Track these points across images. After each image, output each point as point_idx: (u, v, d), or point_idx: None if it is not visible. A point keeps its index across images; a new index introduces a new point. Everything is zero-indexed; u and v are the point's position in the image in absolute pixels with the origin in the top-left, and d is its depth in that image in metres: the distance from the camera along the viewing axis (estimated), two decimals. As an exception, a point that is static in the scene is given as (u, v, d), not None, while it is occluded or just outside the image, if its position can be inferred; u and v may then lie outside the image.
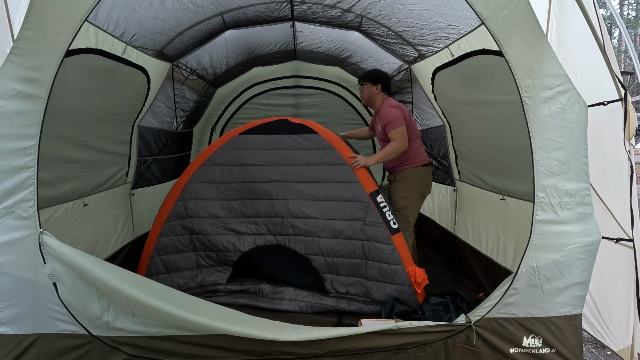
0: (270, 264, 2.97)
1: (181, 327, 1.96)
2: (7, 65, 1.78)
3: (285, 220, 2.93)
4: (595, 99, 2.12)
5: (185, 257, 3.04)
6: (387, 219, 2.80)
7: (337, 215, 2.87)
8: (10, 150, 1.82)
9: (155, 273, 3.00)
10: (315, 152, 2.95)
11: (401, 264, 2.73)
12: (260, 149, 3.01)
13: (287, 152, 2.98)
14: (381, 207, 2.82)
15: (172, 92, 4.03)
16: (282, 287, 2.90)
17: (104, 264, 1.99)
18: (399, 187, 3.17)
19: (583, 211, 1.99)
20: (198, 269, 3.04)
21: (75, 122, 2.56)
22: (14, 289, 1.91)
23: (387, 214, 2.81)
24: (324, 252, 2.88)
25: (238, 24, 3.72)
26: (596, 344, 2.62)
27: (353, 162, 2.86)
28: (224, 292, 2.95)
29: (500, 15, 1.94)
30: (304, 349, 1.98)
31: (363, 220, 2.82)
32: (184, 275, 3.02)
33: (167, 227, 3.03)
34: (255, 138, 3.04)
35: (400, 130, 3.01)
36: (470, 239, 3.44)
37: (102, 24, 2.50)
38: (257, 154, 3.01)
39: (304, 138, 2.97)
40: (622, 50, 20.85)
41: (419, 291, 2.72)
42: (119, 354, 1.98)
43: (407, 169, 3.17)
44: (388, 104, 3.17)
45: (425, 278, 2.72)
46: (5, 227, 1.85)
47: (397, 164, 3.19)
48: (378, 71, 3.39)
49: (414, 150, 3.17)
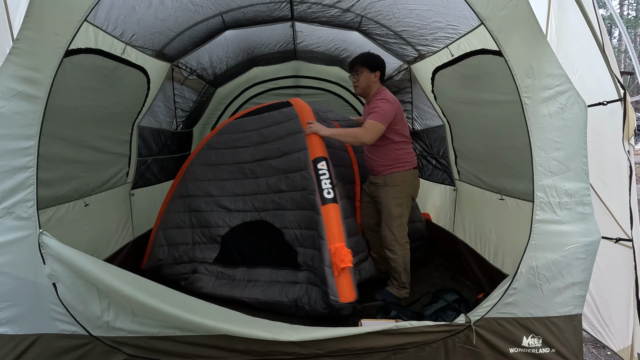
0: (250, 243, 3.02)
1: (181, 328, 1.96)
2: (6, 65, 1.78)
3: (267, 196, 3.00)
4: (594, 99, 2.11)
5: (183, 233, 3.27)
6: (321, 187, 2.62)
7: (296, 185, 2.83)
8: (10, 150, 1.82)
9: (158, 244, 3.33)
10: (285, 125, 3.05)
11: (324, 238, 2.51)
12: (247, 131, 3.23)
13: (265, 130, 3.13)
14: (319, 174, 2.66)
15: (171, 92, 4.03)
16: (259, 269, 2.91)
17: (103, 264, 1.99)
18: (393, 192, 2.92)
19: (583, 211, 1.99)
20: (192, 244, 3.23)
21: (75, 122, 2.56)
22: (13, 289, 1.91)
23: (324, 182, 2.63)
24: (292, 225, 2.87)
25: (238, 24, 3.72)
26: (596, 344, 2.62)
27: (306, 128, 2.81)
28: (207, 274, 3.05)
29: (500, 15, 1.94)
30: (304, 349, 1.98)
31: (307, 189, 2.73)
32: (179, 249, 3.25)
33: (171, 205, 3.39)
34: (243, 121, 3.31)
35: (379, 127, 2.75)
36: (469, 238, 3.44)
37: (102, 24, 2.50)
38: (245, 136, 3.21)
39: (280, 113, 3.10)
40: (622, 50, 20.85)
41: (336, 273, 2.42)
42: (118, 354, 1.98)
43: (400, 172, 2.92)
44: (384, 96, 2.87)
45: (347, 261, 2.39)
46: (5, 228, 1.85)
47: (388, 164, 2.93)
48: (376, 56, 3.02)
49: (407, 152, 2.98)
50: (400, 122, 2.92)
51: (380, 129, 2.76)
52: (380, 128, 2.76)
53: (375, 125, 2.75)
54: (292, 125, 2.99)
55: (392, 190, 2.92)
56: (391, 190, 2.92)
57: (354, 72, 2.98)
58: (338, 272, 2.42)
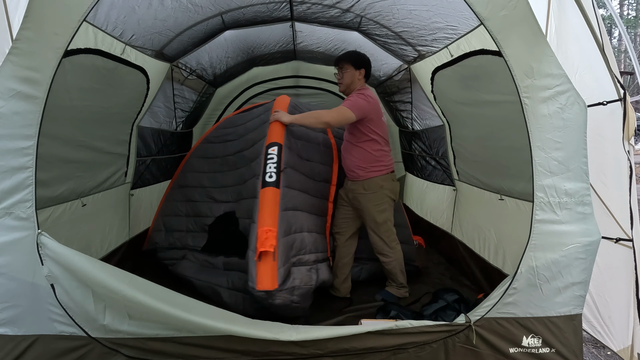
0: (226, 233, 3.04)
1: (179, 329, 1.96)
2: (5, 65, 1.78)
3: (239, 187, 3.04)
4: (594, 99, 2.11)
5: (179, 220, 3.44)
6: (265, 170, 2.53)
7: (253, 173, 2.80)
8: (9, 150, 1.82)
9: (157, 229, 3.53)
10: (262, 116, 3.12)
11: (255, 221, 2.38)
12: (237, 125, 3.37)
13: (249, 123, 3.24)
14: (267, 158, 2.57)
15: (171, 92, 4.02)
16: (233, 259, 2.88)
17: (102, 264, 1.98)
18: (374, 199, 2.81)
19: (582, 211, 1.99)
20: (186, 232, 3.37)
21: (73, 122, 2.55)
22: (12, 290, 1.91)
23: (269, 166, 2.53)
24: (243, 214, 2.88)
25: (237, 24, 3.72)
26: (596, 344, 2.62)
27: (271, 116, 2.81)
28: (194, 260, 3.15)
29: (499, 16, 1.94)
30: (304, 349, 1.98)
31: (256, 175, 2.67)
32: (175, 235, 3.41)
33: (171, 193, 3.60)
34: (238, 116, 3.47)
35: (346, 112, 2.63)
36: (468, 238, 3.44)
37: (101, 24, 2.50)
38: (234, 130, 3.36)
39: (263, 107, 3.19)
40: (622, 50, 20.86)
41: (256, 257, 2.25)
42: (117, 355, 1.98)
43: (377, 177, 2.81)
44: (363, 91, 2.79)
45: (268, 245, 2.20)
46: (3, 228, 1.85)
47: (364, 167, 2.80)
48: (361, 54, 2.96)
49: (384, 155, 2.85)
50: (377, 122, 2.80)
51: (346, 114, 2.64)
52: (347, 113, 2.64)
53: (342, 108, 2.66)
54: (266, 116, 3.04)
55: (372, 196, 2.82)
56: (372, 197, 2.82)
57: (339, 68, 2.92)
58: (258, 256, 2.24)
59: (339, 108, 2.68)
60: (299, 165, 2.82)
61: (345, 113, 2.65)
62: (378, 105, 2.83)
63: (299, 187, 2.76)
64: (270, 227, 2.32)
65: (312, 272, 2.65)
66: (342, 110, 2.66)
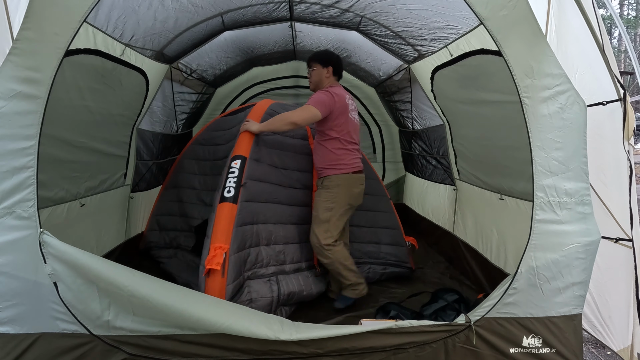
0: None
1: (181, 326, 1.96)
2: (6, 66, 1.78)
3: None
4: (594, 99, 2.12)
5: (172, 220, 3.54)
6: (224, 185, 2.53)
7: (219, 186, 2.76)
8: (10, 150, 1.82)
9: (151, 229, 3.64)
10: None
11: (209, 236, 2.40)
12: (225, 129, 3.39)
13: (234, 129, 3.20)
14: (229, 172, 2.58)
15: (171, 93, 4.03)
16: None
17: (105, 261, 1.98)
18: (325, 195, 2.73)
19: (582, 211, 1.99)
20: (180, 231, 3.47)
21: (72, 123, 2.56)
22: (14, 288, 1.91)
23: (229, 180, 2.54)
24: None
25: (237, 25, 3.72)
26: (596, 343, 2.62)
27: (241, 127, 2.78)
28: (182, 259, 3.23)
29: (499, 15, 1.94)
30: (304, 348, 1.98)
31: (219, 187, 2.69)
32: (170, 234, 3.51)
33: (164, 193, 3.68)
34: (225, 119, 3.47)
35: (311, 110, 2.58)
36: (469, 238, 3.45)
37: (102, 25, 2.50)
38: (222, 134, 3.38)
39: (245, 112, 3.17)
40: (622, 50, 20.85)
41: (204, 274, 2.28)
42: (119, 353, 1.98)
43: (335, 175, 2.72)
44: (328, 89, 2.73)
45: (216, 263, 2.23)
46: (5, 227, 1.85)
47: (325, 166, 2.75)
48: (329, 52, 2.97)
49: (347, 154, 2.74)
50: (342, 120, 2.72)
51: (312, 112, 2.60)
52: (312, 110, 2.60)
53: (306, 106, 2.62)
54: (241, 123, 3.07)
55: (325, 192, 2.74)
56: (324, 193, 2.74)
57: (309, 68, 2.90)
58: (206, 272, 2.27)
59: (304, 106, 2.65)
60: (270, 175, 2.80)
61: (310, 110, 2.61)
62: (344, 102, 2.75)
63: (266, 198, 2.74)
64: (222, 244, 2.33)
65: (271, 283, 2.62)
66: (307, 108, 2.62)
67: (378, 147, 5.72)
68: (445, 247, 3.91)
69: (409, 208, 5.16)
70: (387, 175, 5.69)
